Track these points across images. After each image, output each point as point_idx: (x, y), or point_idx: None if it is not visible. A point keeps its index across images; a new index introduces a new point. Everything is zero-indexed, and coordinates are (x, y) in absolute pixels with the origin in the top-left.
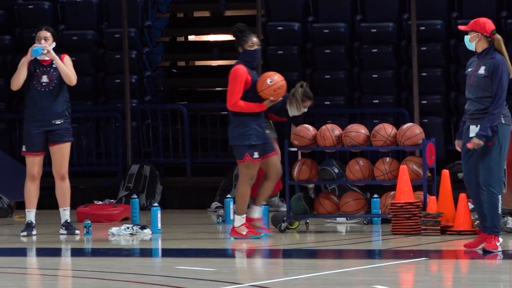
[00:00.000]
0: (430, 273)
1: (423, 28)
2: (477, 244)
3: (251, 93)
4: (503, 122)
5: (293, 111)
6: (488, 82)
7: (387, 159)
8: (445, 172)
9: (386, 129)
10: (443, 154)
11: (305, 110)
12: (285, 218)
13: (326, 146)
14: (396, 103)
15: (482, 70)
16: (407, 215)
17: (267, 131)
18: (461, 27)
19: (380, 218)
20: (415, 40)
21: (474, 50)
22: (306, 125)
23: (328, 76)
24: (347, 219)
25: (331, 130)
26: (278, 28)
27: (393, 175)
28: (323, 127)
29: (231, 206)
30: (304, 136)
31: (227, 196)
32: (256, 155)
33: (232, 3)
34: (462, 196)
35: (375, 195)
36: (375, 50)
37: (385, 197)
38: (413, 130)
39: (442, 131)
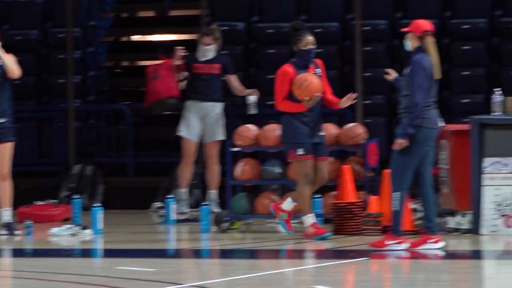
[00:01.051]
0: (371, 273)
1: (368, 28)
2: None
3: None
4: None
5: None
6: (409, 81)
7: (330, 158)
8: (387, 172)
9: (329, 129)
10: (385, 154)
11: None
12: (226, 218)
13: (268, 146)
14: None
15: (407, 69)
16: (349, 215)
17: (322, 133)
18: (403, 29)
19: (323, 218)
20: (359, 40)
21: (409, 50)
22: (249, 125)
23: (272, 76)
24: None
25: (274, 130)
26: (223, 28)
27: (335, 175)
28: (266, 127)
29: (173, 206)
30: (247, 136)
31: (168, 196)
32: (300, 151)
33: (176, 3)
34: None
35: (318, 195)
36: (320, 50)
37: (327, 197)
38: (355, 130)
39: (385, 131)
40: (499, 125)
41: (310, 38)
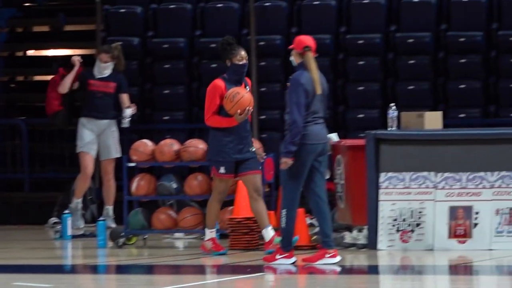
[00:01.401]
0: None
1: (263, 43)
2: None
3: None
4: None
5: None
6: (288, 98)
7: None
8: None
9: None
10: None
11: None
12: (122, 234)
13: (164, 161)
14: None
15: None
16: (245, 230)
17: (253, 149)
18: (290, 47)
19: (218, 233)
20: (255, 55)
21: (295, 66)
22: (145, 140)
23: (168, 91)
24: (185, 235)
25: (170, 145)
26: (118, 43)
27: (231, 190)
28: (162, 142)
29: (69, 221)
30: (143, 152)
31: (64, 211)
32: (222, 170)
33: (71, 18)
34: (300, 211)
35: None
36: (214, 65)
37: (223, 212)
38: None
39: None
40: (394, 140)
41: (243, 53)
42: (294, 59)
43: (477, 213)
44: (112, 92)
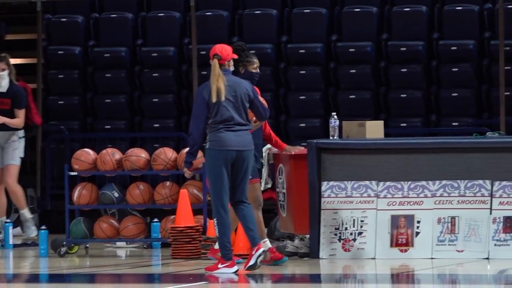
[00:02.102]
0: None
1: (204, 52)
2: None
3: None
4: (207, 146)
5: None
6: None
7: (168, 183)
8: None
9: (167, 153)
10: None
11: None
12: (64, 243)
13: (106, 170)
14: (176, 127)
15: None
16: (187, 239)
17: (262, 159)
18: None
19: (160, 242)
20: (196, 65)
21: None
22: (87, 149)
23: (109, 100)
24: (127, 243)
25: (112, 154)
26: (59, 52)
27: (173, 199)
28: (104, 151)
29: (10, 230)
30: (85, 161)
31: (6, 220)
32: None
33: (13, 27)
34: None
35: (155, 219)
36: (156, 75)
37: (165, 221)
38: None
39: None
40: (336, 149)
41: (257, 61)
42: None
43: (418, 222)
44: (8, 108)
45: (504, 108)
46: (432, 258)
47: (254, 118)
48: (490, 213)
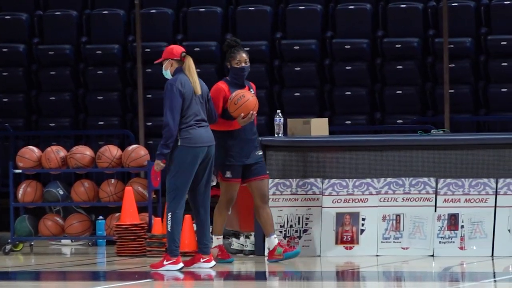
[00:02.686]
0: None
1: (149, 50)
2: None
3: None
4: (179, 144)
5: None
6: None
7: (112, 180)
8: None
9: (112, 151)
10: None
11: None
12: (9, 240)
13: (51, 168)
14: (121, 124)
15: None
16: (132, 237)
17: (260, 152)
18: (156, 61)
19: (105, 240)
20: (141, 62)
21: (170, 77)
22: (31, 147)
23: (54, 98)
24: (72, 241)
25: (56, 152)
26: (3, 49)
27: (118, 197)
28: (48, 148)
29: None
30: (29, 158)
31: None
32: (228, 174)
33: None
34: (187, 217)
35: (100, 217)
36: (100, 72)
37: (110, 218)
38: (138, 152)
39: None
40: (281, 146)
41: (243, 55)
42: (168, 69)
43: (363, 219)
44: None
45: (449, 106)
46: (377, 255)
47: (242, 114)
48: (435, 211)
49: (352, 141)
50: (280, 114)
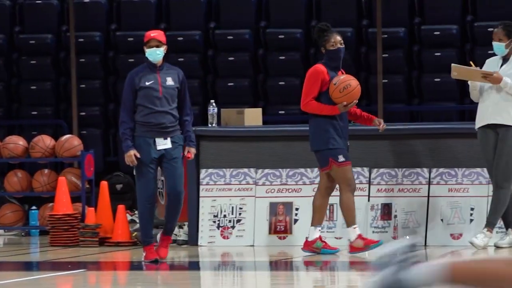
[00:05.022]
0: (88, 285)
1: (82, 40)
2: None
3: (328, 95)
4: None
5: None
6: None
7: (46, 170)
8: (104, 184)
9: (45, 141)
10: (101, 166)
11: None
12: None
13: None
14: (54, 114)
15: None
16: (65, 227)
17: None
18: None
19: (39, 230)
20: (74, 52)
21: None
22: None
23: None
24: (5, 231)
25: None
26: None
27: (51, 187)
28: None
29: None
30: None
31: None
32: (341, 158)
33: None
34: (121, 207)
35: (34, 207)
36: (34, 62)
37: (43, 208)
38: (71, 142)
39: (101, 143)
40: (214, 136)
41: (337, 37)
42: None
43: (297, 209)
44: None
45: (382, 96)
46: None
47: (345, 102)
48: (368, 200)
49: (285, 131)
50: (214, 104)
